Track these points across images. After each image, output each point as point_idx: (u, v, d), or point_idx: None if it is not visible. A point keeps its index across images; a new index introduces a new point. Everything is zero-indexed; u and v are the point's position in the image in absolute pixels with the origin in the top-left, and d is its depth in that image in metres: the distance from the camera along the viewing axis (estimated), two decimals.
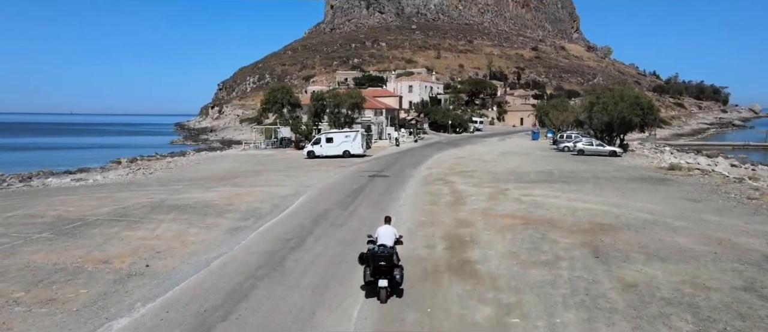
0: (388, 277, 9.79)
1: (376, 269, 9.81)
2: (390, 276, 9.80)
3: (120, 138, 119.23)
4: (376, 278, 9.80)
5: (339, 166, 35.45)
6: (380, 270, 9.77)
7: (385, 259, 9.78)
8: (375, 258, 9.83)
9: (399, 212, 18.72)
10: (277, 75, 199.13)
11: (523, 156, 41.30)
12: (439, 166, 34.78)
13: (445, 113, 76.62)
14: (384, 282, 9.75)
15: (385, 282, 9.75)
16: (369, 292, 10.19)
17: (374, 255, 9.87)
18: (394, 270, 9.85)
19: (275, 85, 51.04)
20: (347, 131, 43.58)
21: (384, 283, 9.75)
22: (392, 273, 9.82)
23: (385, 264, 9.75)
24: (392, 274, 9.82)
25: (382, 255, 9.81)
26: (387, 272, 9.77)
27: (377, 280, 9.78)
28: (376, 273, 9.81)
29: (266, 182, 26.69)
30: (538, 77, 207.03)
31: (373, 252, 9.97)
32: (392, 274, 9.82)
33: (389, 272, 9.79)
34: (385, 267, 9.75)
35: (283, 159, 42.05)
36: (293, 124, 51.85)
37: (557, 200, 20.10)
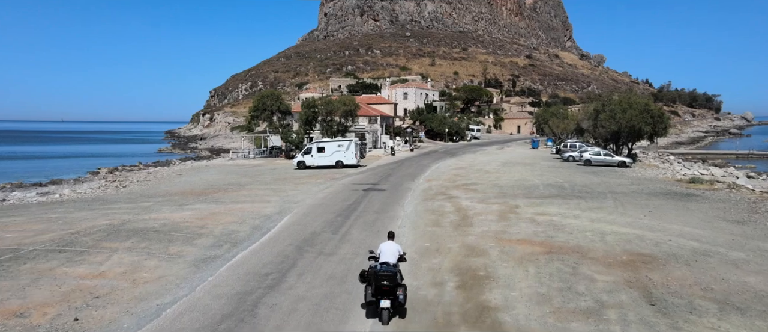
0: (391, 297, 9.20)
1: (378, 289, 9.21)
2: (393, 296, 9.21)
3: (107, 146, 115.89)
4: (378, 298, 9.24)
5: (331, 178, 32.88)
6: (383, 290, 9.19)
7: (388, 278, 9.20)
8: (377, 277, 9.25)
9: (398, 234, 16.08)
10: (269, 82, 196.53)
11: (527, 167, 38.92)
12: (438, 178, 32.28)
13: (442, 120, 74.32)
14: (386, 302, 9.16)
15: (387, 303, 9.17)
16: (370, 312, 9.63)
17: (377, 274, 9.28)
18: (397, 290, 9.25)
19: (264, 91, 48.17)
20: (340, 139, 41.04)
21: (386, 304, 9.16)
22: (395, 293, 9.22)
23: (387, 283, 9.17)
24: (395, 294, 9.22)
25: (385, 274, 9.23)
26: (390, 292, 9.20)
27: (379, 300, 9.23)
28: (378, 293, 9.24)
29: (249, 198, 24.03)
30: (533, 85, 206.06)
31: (376, 271, 9.37)
32: (395, 294, 9.22)
33: (392, 292, 9.20)
34: (387, 287, 9.17)
35: (271, 170, 39.39)
36: (283, 132, 49.23)
37: (578, 221, 17.61)
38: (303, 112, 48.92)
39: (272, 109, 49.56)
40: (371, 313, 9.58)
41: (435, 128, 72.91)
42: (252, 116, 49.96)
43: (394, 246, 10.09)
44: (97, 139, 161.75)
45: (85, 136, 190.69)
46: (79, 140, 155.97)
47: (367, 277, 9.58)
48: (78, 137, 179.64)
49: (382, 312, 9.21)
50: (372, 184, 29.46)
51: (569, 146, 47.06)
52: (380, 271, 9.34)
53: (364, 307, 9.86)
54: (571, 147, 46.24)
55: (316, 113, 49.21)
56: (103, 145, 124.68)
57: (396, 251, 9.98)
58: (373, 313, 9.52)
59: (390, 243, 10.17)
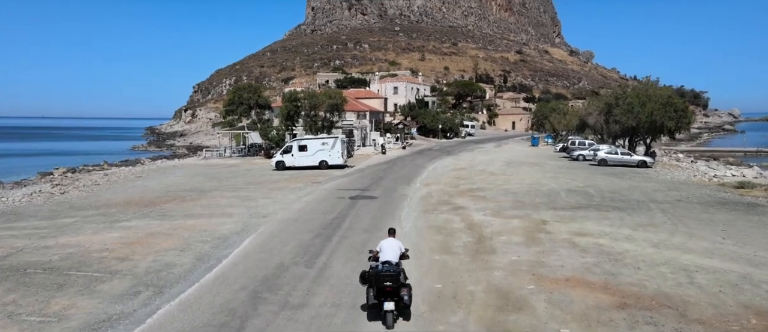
0: (395, 299, 8.54)
1: (380, 290, 8.56)
2: (397, 297, 8.55)
3: (81, 144, 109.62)
4: (381, 300, 8.56)
5: (313, 181, 28.23)
6: (386, 292, 8.53)
7: (391, 279, 8.53)
8: (379, 277, 8.59)
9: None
10: (254, 77, 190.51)
11: (535, 167, 34.61)
12: (437, 181, 27.79)
13: (435, 116, 69.89)
14: (390, 304, 8.47)
15: (391, 305, 8.47)
16: (372, 315, 8.90)
17: (378, 275, 8.64)
18: (401, 291, 8.60)
19: (241, 83, 43.26)
20: (324, 137, 36.34)
21: (390, 306, 8.47)
22: (399, 293, 8.57)
23: (391, 283, 8.51)
24: (399, 295, 8.57)
25: (388, 274, 8.58)
26: (394, 293, 8.53)
27: (382, 303, 8.54)
28: (380, 295, 8.58)
29: (208, 210, 19.31)
30: (525, 80, 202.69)
31: (378, 271, 8.73)
32: (399, 295, 8.57)
33: (396, 293, 8.55)
34: (391, 288, 8.51)
35: (245, 172, 34.60)
36: (262, 128, 44.38)
37: (636, 247, 13.23)
38: (284, 106, 44.11)
39: (250, 103, 44.65)
40: (373, 316, 8.90)
41: (428, 124, 68.48)
42: (226, 111, 44.99)
43: (396, 243, 9.45)
44: (73, 135, 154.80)
45: (62, 132, 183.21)
46: (53, 136, 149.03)
47: (368, 278, 8.94)
48: (53, 133, 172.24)
49: (386, 315, 8.55)
50: (360, 189, 24.87)
51: (577, 143, 42.86)
52: (382, 271, 8.72)
53: (364, 310, 9.20)
54: (580, 145, 42.05)
55: (299, 108, 44.42)
56: (76, 142, 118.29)
57: (398, 248, 9.32)
58: (376, 316, 8.82)
59: (391, 240, 9.52)
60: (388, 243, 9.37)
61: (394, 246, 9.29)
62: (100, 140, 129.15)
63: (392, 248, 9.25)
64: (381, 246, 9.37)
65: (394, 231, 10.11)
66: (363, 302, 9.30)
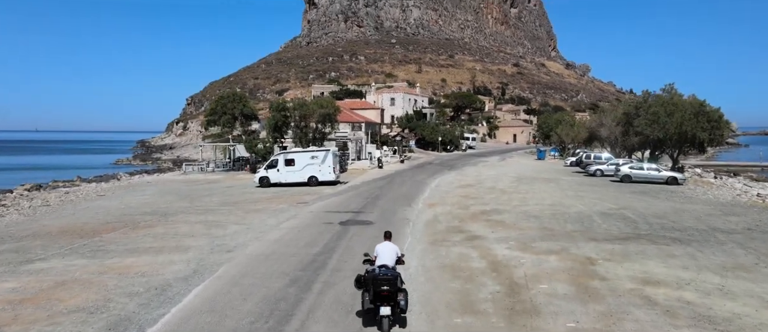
0: (392, 303, 8.25)
1: (377, 294, 8.29)
2: (393, 302, 8.28)
3: (65, 157, 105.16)
4: (377, 305, 8.30)
5: (299, 201, 24.34)
6: (382, 296, 8.25)
7: (387, 283, 8.27)
8: (376, 281, 8.34)
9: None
10: (248, 89, 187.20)
11: (551, 184, 30.82)
12: (443, 201, 23.92)
13: (434, 128, 66.22)
14: (387, 309, 8.20)
15: (388, 310, 8.20)
16: (367, 320, 8.71)
17: (375, 279, 8.39)
18: (398, 295, 8.34)
19: (224, 92, 39.50)
20: (314, 150, 32.48)
21: (387, 311, 8.19)
22: (396, 298, 8.31)
23: (387, 288, 8.24)
24: (396, 300, 8.31)
25: (385, 279, 8.32)
26: (390, 298, 8.25)
27: (378, 307, 8.28)
28: (377, 299, 8.31)
29: (159, 242, 15.33)
30: (523, 93, 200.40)
31: (374, 275, 8.47)
32: (396, 300, 8.31)
33: (393, 298, 8.27)
34: (387, 292, 8.23)
35: (225, 189, 30.64)
36: (247, 141, 40.52)
37: (745, 307, 9.36)
38: (271, 116, 40.32)
39: (234, 113, 40.80)
40: (369, 321, 8.67)
41: (427, 136, 64.77)
42: (209, 122, 41.12)
43: (393, 247, 9.17)
44: (61, 149, 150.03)
45: (53, 145, 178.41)
46: (43, 150, 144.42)
47: (364, 282, 8.65)
48: (44, 146, 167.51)
49: (382, 320, 8.21)
50: (353, 212, 20.96)
51: (593, 157, 39.13)
52: (379, 275, 8.43)
53: (360, 315, 8.94)
54: (596, 159, 38.34)
55: (288, 118, 40.64)
56: (63, 156, 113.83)
57: (394, 253, 9.08)
58: (371, 321, 8.59)
59: (387, 244, 9.25)
60: (385, 247, 9.14)
61: (390, 251, 9.10)
62: (87, 153, 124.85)
63: (389, 252, 9.05)
64: (377, 251, 9.15)
65: (391, 235, 9.79)
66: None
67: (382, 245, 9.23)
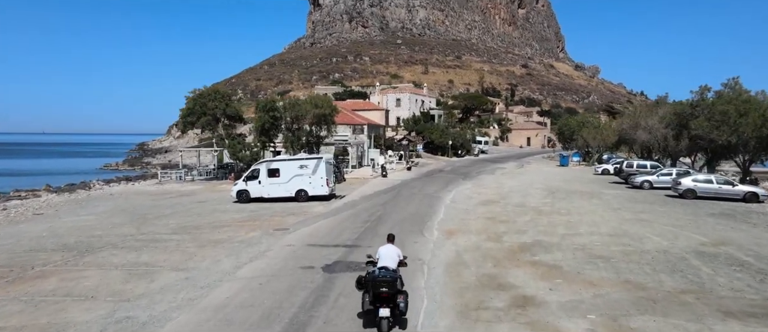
0: (391, 305, 8.29)
1: (376, 296, 8.35)
2: (393, 304, 8.31)
3: (52, 161, 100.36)
4: (377, 306, 8.33)
5: (277, 225, 18.81)
6: (382, 297, 8.32)
7: (387, 284, 8.34)
8: (376, 283, 8.39)
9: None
10: (250, 90, 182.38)
11: (594, 201, 25.04)
12: (465, 226, 18.28)
13: (443, 131, 60.50)
14: (386, 311, 8.24)
15: (387, 312, 8.23)
16: (367, 322, 8.70)
17: (375, 280, 8.42)
18: (397, 297, 8.38)
19: (203, 89, 34.01)
20: (303, 157, 26.87)
21: (386, 313, 8.22)
22: (396, 300, 8.35)
23: (387, 289, 8.31)
24: (395, 302, 8.34)
25: (384, 280, 8.37)
26: (390, 299, 8.31)
27: (378, 309, 8.30)
28: (376, 301, 8.35)
29: (26, 317, 9.79)
30: (532, 94, 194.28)
31: (374, 277, 8.50)
32: (395, 302, 8.34)
33: (392, 299, 8.32)
34: (387, 294, 8.30)
35: (194, 205, 25.12)
36: (231, 145, 35.02)
37: None
38: (258, 118, 34.79)
39: (215, 113, 35.30)
40: (369, 323, 8.66)
41: (435, 140, 59.05)
42: (185, 123, 35.64)
43: (394, 250, 9.27)
44: (55, 152, 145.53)
45: (48, 148, 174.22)
46: (38, 153, 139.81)
47: (365, 283, 8.67)
48: (37, 149, 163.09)
49: (381, 322, 8.22)
50: (346, 246, 15.34)
51: (635, 165, 33.23)
52: (379, 276, 8.46)
53: (360, 317, 8.99)
54: (640, 168, 32.51)
55: (278, 119, 35.12)
56: (51, 159, 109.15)
57: (396, 255, 9.16)
58: (371, 322, 8.52)
59: (389, 247, 9.35)
60: (387, 250, 9.21)
61: (392, 253, 9.13)
62: (81, 156, 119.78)
63: (390, 255, 9.08)
64: (379, 253, 9.23)
65: (393, 237, 9.89)
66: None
67: (385, 248, 9.28)
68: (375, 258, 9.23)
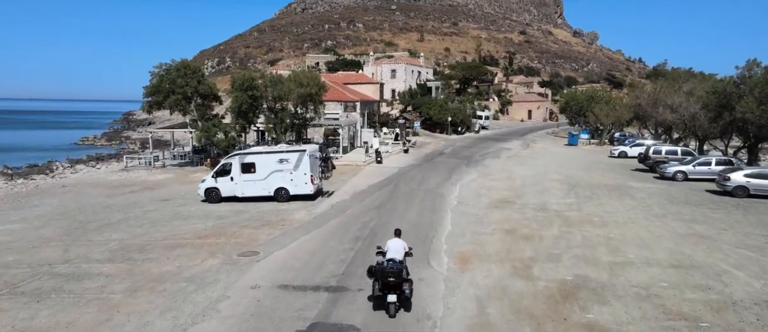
0: (397, 292, 9.72)
1: (385, 284, 9.75)
2: (399, 290, 9.72)
3: (26, 133, 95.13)
4: (385, 292, 9.75)
5: (247, 241, 14.92)
6: (389, 285, 9.72)
7: (394, 275, 9.71)
8: (384, 273, 9.79)
9: None
10: (239, 58, 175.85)
11: (625, 200, 21.23)
12: (480, 248, 14.49)
13: (442, 106, 56.12)
14: (393, 297, 9.69)
15: (393, 297, 9.69)
16: (377, 305, 10.07)
17: (383, 271, 9.82)
18: (403, 285, 9.76)
19: (173, 63, 29.32)
20: (284, 150, 22.63)
21: (393, 298, 9.68)
22: (401, 287, 9.73)
23: (394, 279, 9.69)
24: (401, 289, 9.73)
25: (392, 271, 9.74)
26: (396, 287, 9.72)
27: (386, 295, 9.73)
28: (385, 288, 9.78)
29: None
30: (531, 63, 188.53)
31: (383, 267, 9.89)
32: (401, 289, 9.73)
33: (398, 287, 9.72)
34: (394, 282, 9.69)
35: (154, 206, 21.09)
36: (204, 128, 30.72)
37: None
38: (235, 97, 30.38)
39: (185, 92, 30.79)
40: (378, 306, 9.99)
41: (434, 116, 54.78)
42: (150, 104, 31.13)
43: (401, 243, 10.50)
44: (33, 122, 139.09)
45: (27, 117, 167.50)
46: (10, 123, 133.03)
47: (375, 273, 9.98)
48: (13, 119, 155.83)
49: (389, 306, 9.67)
50: (331, 289, 11.47)
51: (664, 152, 29.29)
52: (387, 268, 9.79)
53: (371, 300, 10.30)
54: (670, 153, 28.64)
55: (257, 99, 30.73)
56: (26, 131, 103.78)
57: (402, 248, 10.39)
58: (380, 306, 9.91)
59: (396, 240, 10.58)
60: (394, 243, 10.49)
61: (399, 246, 10.39)
62: (60, 127, 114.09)
63: (397, 248, 10.35)
64: (388, 246, 10.53)
65: (400, 232, 11.04)
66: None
67: (392, 241, 10.57)
68: (384, 249, 10.50)
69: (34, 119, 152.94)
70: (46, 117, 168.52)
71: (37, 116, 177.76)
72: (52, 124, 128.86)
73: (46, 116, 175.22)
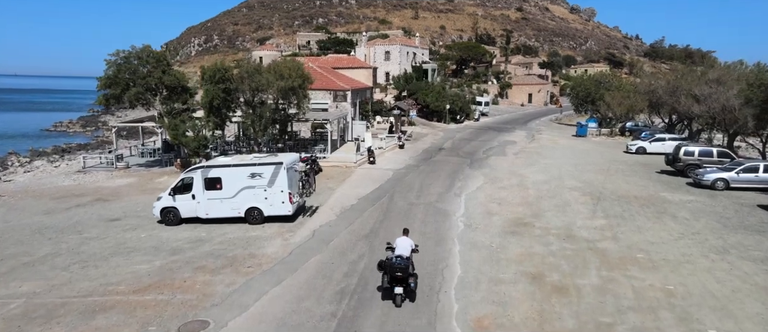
0: (404, 285, 11.05)
1: (393, 278, 11.04)
2: (405, 284, 11.06)
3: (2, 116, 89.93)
4: (393, 285, 11.07)
5: (198, 299, 11.25)
6: (396, 279, 11.01)
7: (401, 270, 10.99)
8: (392, 268, 11.05)
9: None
10: (227, 36, 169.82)
11: (667, 222, 17.70)
12: (500, 302, 11.05)
13: (440, 93, 52.11)
14: (399, 289, 11.03)
15: (400, 290, 11.03)
16: (385, 295, 11.45)
17: (392, 266, 11.06)
18: (409, 279, 11.09)
19: (136, 50, 25.06)
20: (256, 162, 18.69)
21: (399, 290, 11.03)
22: (407, 281, 11.07)
23: (401, 274, 10.98)
24: (407, 282, 11.07)
25: (399, 266, 11.00)
26: (402, 280, 11.03)
27: (393, 287, 11.06)
28: (392, 281, 11.07)
29: None
30: (529, 41, 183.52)
31: (391, 263, 11.11)
32: (407, 282, 11.07)
33: (404, 280, 11.05)
34: (400, 277, 10.99)
35: (95, 231, 17.33)
36: (172, 126, 26.75)
37: None
38: (205, 91, 26.30)
39: (148, 82, 26.66)
40: (386, 296, 11.38)
41: (431, 103, 50.83)
42: (107, 98, 26.99)
43: (408, 241, 11.84)
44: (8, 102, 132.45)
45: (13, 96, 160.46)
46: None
47: (384, 267, 11.28)
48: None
49: (396, 297, 11.04)
50: None
51: (697, 153, 25.60)
52: (394, 263, 11.04)
53: (380, 290, 11.75)
54: (703, 156, 25.03)
55: (232, 92, 26.70)
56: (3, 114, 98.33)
57: (409, 245, 11.75)
58: (388, 296, 11.28)
59: (404, 239, 11.94)
60: (402, 241, 11.84)
61: (406, 244, 11.73)
62: (36, 110, 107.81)
63: (405, 245, 11.69)
64: (396, 243, 11.83)
65: (408, 231, 12.53)
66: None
67: (401, 239, 11.92)
68: (394, 245, 11.89)
69: (10, 99, 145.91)
70: (24, 97, 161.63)
71: (16, 95, 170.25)
72: (28, 106, 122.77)
73: (24, 96, 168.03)
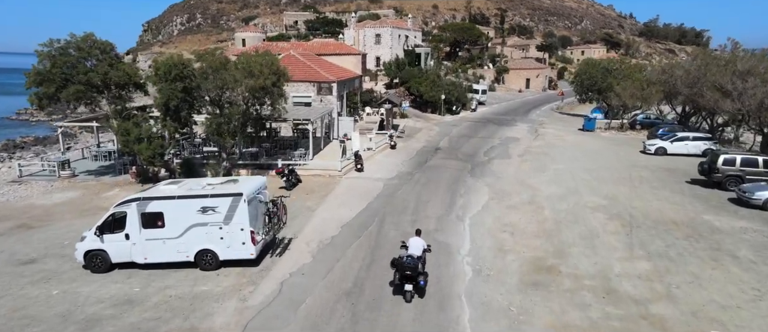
0: (414, 283, 12.02)
1: (403, 275, 12.03)
2: (415, 281, 12.03)
3: None
4: (403, 282, 12.07)
5: None
6: (407, 277, 12.00)
7: (411, 269, 11.98)
8: (402, 266, 12.04)
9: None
10: (210, 15, 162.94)
11: (730, 267, 14.15)
12: None
13: (435, 81, 47.97)
14: (409, 286, 12.02)
15: (410, 287, 12.02)
16: (396, 291, 12.35)
17: (402, 264, 12.05)
18: (419, 277, 12.04)
19: (75, 39, 20.62)
20: (209, 194, 14.67)
21: (409, 287, 12.02)
22: (417, 279, 12.02)
23: (410, 272, 11.97)
24: (417, 280, 12.02)
25: (409, 265, 11.98)
26: (412, 278, 12.01)
27: (403, 284, 12.07)
28: (403, 278, 12.07)
29: None
30: (523, 21, 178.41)
31: (402, 262, 12.09)
32: (417, 280, 12.02)
33: (414, 278, 12.01)
34: (411, 275, 11.98)
35: (2, 276, 13.33)
36: (121, 130, 22.57)
37: None
38: (160, 90, 22.02)
39: (91, 79, 22.34)
40: (397, 292, 12.30)
41: (425, 93, 46.73)
42: (41, 98, 22.64)
43: (420, 242, 12.88)
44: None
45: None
46: None
47: (396, 265, 12.20)
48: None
49: (406, 293, 12.04)
50: None
51: (739, 162, 21.92)
52: (405, 263, 12.02)
53: (391, 286, 12.60)
54: (745, 166, 21.45)
55: (193, 91, 22.48)
56: None
57: (421, 246, 12.78)
58: (399, 292, 12.22)
59: (417, 239, 12.96)
60: (415, 241, 12.87)
61: (418, 245, 12.77)
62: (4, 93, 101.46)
63: (417, 245, 12.73)
64: (409, 242, 12.90)
65: (420, 232, 13.59)
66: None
67: (414, 239, 12.94)
68: (407, 244, 12.97)
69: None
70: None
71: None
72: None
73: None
